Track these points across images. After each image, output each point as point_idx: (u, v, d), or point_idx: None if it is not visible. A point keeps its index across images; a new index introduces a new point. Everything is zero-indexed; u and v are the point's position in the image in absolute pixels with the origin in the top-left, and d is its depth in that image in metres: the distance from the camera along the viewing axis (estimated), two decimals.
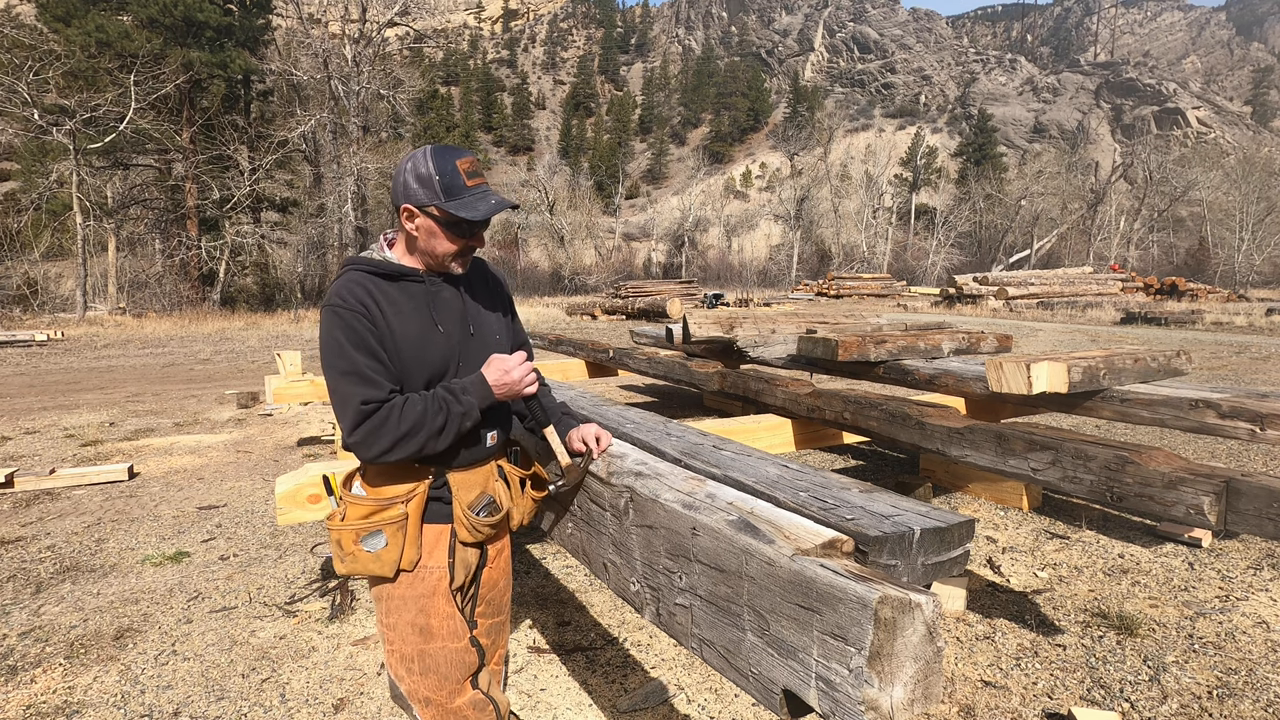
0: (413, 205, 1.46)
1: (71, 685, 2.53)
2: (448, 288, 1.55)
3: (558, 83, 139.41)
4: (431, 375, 1.49)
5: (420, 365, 1.48)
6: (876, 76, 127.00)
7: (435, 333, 1.49)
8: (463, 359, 1.53)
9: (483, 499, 1.55)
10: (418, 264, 1.53)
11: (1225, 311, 20.35)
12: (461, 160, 1.46)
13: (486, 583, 1.64)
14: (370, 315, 1.43)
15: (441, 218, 1.45)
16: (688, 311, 5.66)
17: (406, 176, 1.46)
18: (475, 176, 1.47)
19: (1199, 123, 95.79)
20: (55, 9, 25.43)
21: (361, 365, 1.40)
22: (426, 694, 1.50)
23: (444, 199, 1.43)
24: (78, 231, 23.77)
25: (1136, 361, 3.54)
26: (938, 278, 50.77)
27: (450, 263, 1.52)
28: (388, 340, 1.44)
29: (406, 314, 1.47)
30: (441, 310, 1.52)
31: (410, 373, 1.47)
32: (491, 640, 1.67)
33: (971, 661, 2.60)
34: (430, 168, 1.44)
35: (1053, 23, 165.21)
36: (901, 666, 0.98)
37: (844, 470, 5.21)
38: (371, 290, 1.46)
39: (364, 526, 1.46)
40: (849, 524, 1.63)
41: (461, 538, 1.54)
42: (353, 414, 1.39)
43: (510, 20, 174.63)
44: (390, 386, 1.44)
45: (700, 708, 2.34)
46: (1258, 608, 2.98)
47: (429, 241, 1.48)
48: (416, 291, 1.51)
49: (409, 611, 1.49)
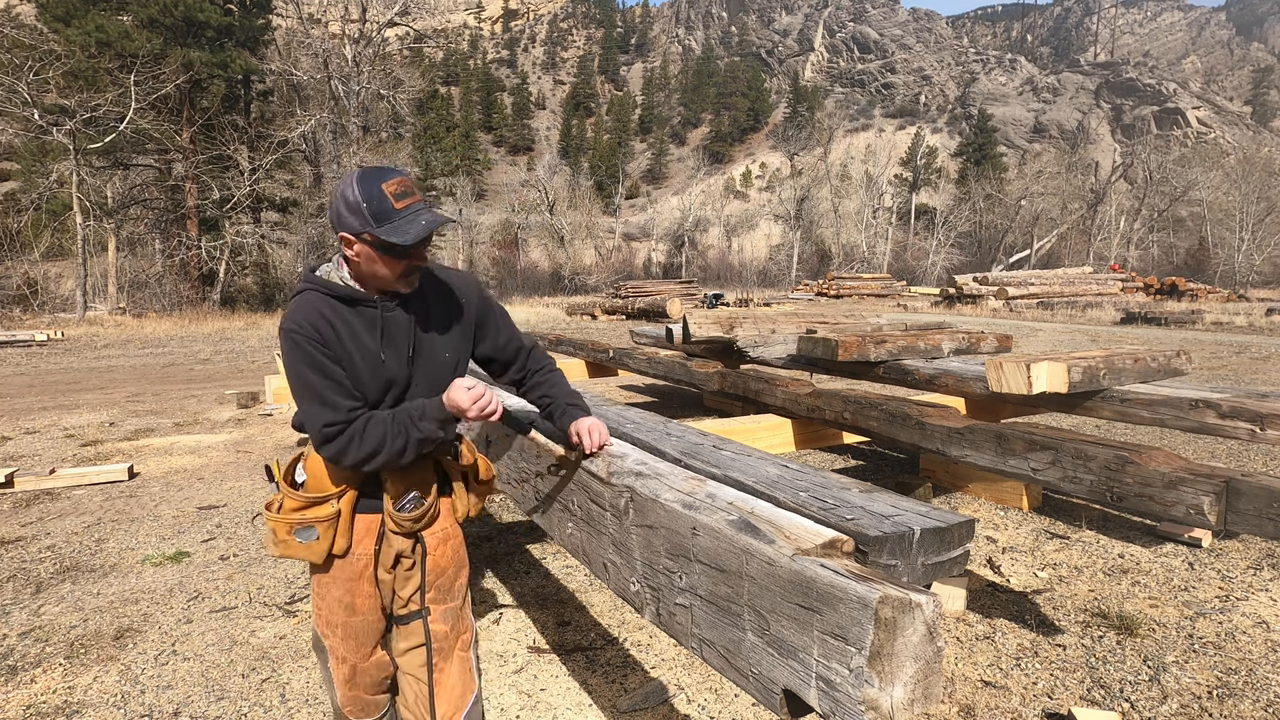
0: (347, 233, 1.47)
1: (71, 685, 2.53)
2: (399, 310, 1.58)
3: (558, 83, 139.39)
4: (384, 395, 1.57)
5: (374, 387, 1.55)
6: (876, 76, 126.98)
7: (379, 360, 1.54)
8: (411, 377, 1.59)
9: (408, 493, 1.62)
10: (367, 288, 1.56)
11: (1225, 311, 20.35)
12: (388, 183, 1.44)
13: (433, 569, 1.69)
14: (324, 339, 1.48)
15: (374, 243, 1.45)
16: (688, 311, 5.66)
17: (339, 204, 1.47)
18: (405, 197, 1.45)
19: (1199, 123, 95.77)
20: (55, 9, 25.42)
21: (320, 389, 1.48)
22: (344, 653, 1.69)
23: (375, 225, 1.42)
24: (78, 231, 23.77)
25: (1136, 361, 3.54)
26: (938, 278, 50.77)
27: (397, 283, 1.53)
28: (345, 360, 1.51)
29: (360, 338, 1.53)
30: (390, 334, 1.56)
31: (366, 392, 1.55)
32: (450, 626, 1.73)
33: (971, 661, 2.60)
34: (356, 194, 1.44)
35: (1053, 23, 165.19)
36: (902, 666, 0.98)
37: (844, 470, 5.21)
38: (326, 314, 1.51)
39: (297, 520, 1.55)
40: (849, 524, 1.63)
41: (390, 527, 1.63)
42: (318, 436, 1.50)
43: (510, 20, 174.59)
44: (350, 405, 1.51)
45: (700, 708, 2.34)
46: (1258, 608, 2.98)
47: (370, 266, 1.49)
48: (370, 316, 1.54)
49: (337, 589, 1.65)
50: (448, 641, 1.73)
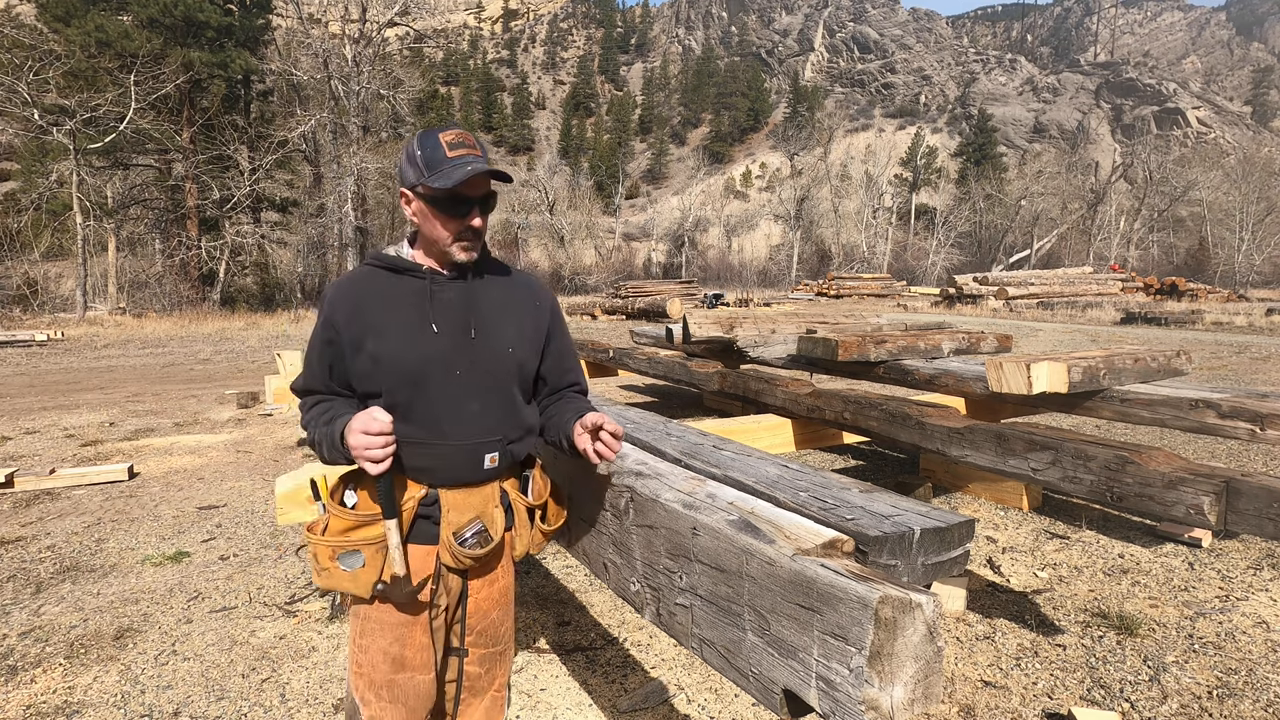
0: (405, 188, 1.43)
1: (71, 685, 2.53)
2: (453, 286, 1.46)
3: (558, 83, 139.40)
4: (414, 373, 1.39)
5: (399, 362, 1.39)
6: (876, 76, 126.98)
7: (426, 331, 1.41)
8: (462, 362, 1.42)
9: (473, 525, 1.44)
10: (430, 259, 1.47)
11: (1225, 311, 20.36)
12: (446, 133, 1.40)
13: (475, 612, 1.51)
14: (334, 321, 1.42)
15: (425, 194, 1.39)
16: (688, 311, 5.66)
17: (401, 161, 1.45)
18: (459, 148, 1.38)
19: (1199, 123, 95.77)
20: (55, 9, 25.43)
21: (313, 358, 1.47)
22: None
23: (426, 174, 1.37)
24: (78, 231, 23.77)
25: (1136, 361, 3.54)
26: (938, 278, 50.78)
27: (451, 247, 1.42)
28: (373, 331, 1.40)
29: (399, 309, 1.42)
30: (440, 309, 1.43)
31: (387, 370, 1.39)
32: (486, 669, 1.56)
33: (971, 661, 2.60)
34: (415, 146, 1.41)
35: (1053, 23, 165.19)
36: (902, 666, 0.98)
37: (844, 470, 5.21)
38: (363, 285, 1.45)
39: (342, 544, 1.37)
40: (849, 524, 1.63)
41: (445, 561, 1.43)
42: (299, 391, 1.51)
43: (510, 20, 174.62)
44: (323, 392, 1.47)
45: (700, 708, 2.34)
46: (1258, 608, 2.98)
47: (426, 226, 1.42)
48: (416, 287, 1.44)
49: (384, 638, 1.43)
50: (481, 682, 1.57)
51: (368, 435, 1.29)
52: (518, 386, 1.50)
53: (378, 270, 1.47)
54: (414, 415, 1.40)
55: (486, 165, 1.38)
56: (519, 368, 1.49)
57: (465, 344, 1.43)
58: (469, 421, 1.42)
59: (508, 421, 1.48)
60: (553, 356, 1.59)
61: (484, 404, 1.44)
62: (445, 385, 1.41)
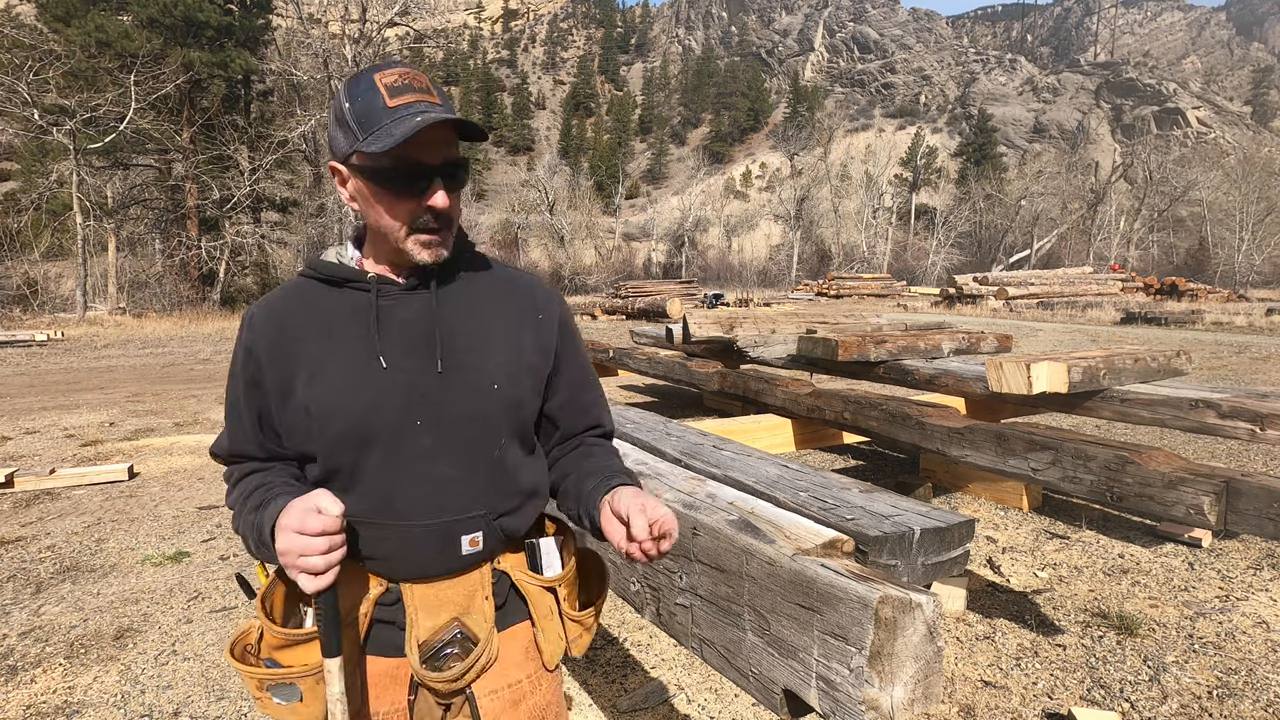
0: (336, 162, 1.01)
1: (71, 685, 2.53)
2: (410, 300, 1.03)
3: (558, 83, 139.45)
4: (356, 429, 0.98)
5: (335, 414, 0.98)
6: (876, 76, 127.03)
7: (371, 365, 0.99)
8: (424, 407, 1.00)
9: (447, 632, 1.02)
10: (381, 263, 1.05)
11: (1225, 311, 20.35)
12: (385, 73, 0.96)
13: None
14: (256, 354, 1.02)
15: (362, 165, 0.96)
16: (688, 311, 5.66)
17: (330, 124, 1.01)
18: (404, 92, 0.94)
19: (1199, 123, 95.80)
20: (55, 9, 25.44)
21: (237, 407, 1.05)
22: None
23: (360, 135, 0.94)
24: (78, 231, 23.77)
25: (1136, 361, 3.54)
26: (938, 278, 50.78)
27: (406, 242, 0.99)
28: (304, 369, 1.00)
29: (337, 337, 1.01)
30: (391, 333, 1.01)
31: (321, 426, 0.98)
32: None
33: (971, 661, 2.60)
34: (343, 97, 0.97)
35: (1053, 23, 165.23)
36: (902, 666, 0.98)
37: (844, 470, 5.21)
38: (291, 307, 1.04)
39: (269, 677, 0.99)
40: (849, 524, 1.63)
41: (422, 682, 1.03)
42: (222, 455, 1.09)
43: (510, 20, 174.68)
44: (255, 455, 1.06)
45: (700, 708, 2.34)
46: (1258, 608, 2.98)
47: (370, 214, 1.00)
48: (359, 304, 1.03)
49: None
50: None
51: (303, 537, 0.86)
52: (511, 435, 1.06)
53: (311, 283, 1.06)
54: (359, 485, 0.99)
55: (446, 114, 0.94)
56: (512, 409, 1.05)
57: (429, 381, 1.00)
58: (436, 492, 1.00)
59: (496, 487, 1.04)
60: (565, 389, 1.14)
61: (459, 465, 1.01)
62: (399, 442, 0.99)
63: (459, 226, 1.07)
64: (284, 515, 0.90)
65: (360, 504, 0.99)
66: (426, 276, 1.05)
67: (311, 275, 1.08)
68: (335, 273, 1.06)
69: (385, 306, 1.03)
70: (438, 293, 1.05)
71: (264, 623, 1.02)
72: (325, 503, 0.89)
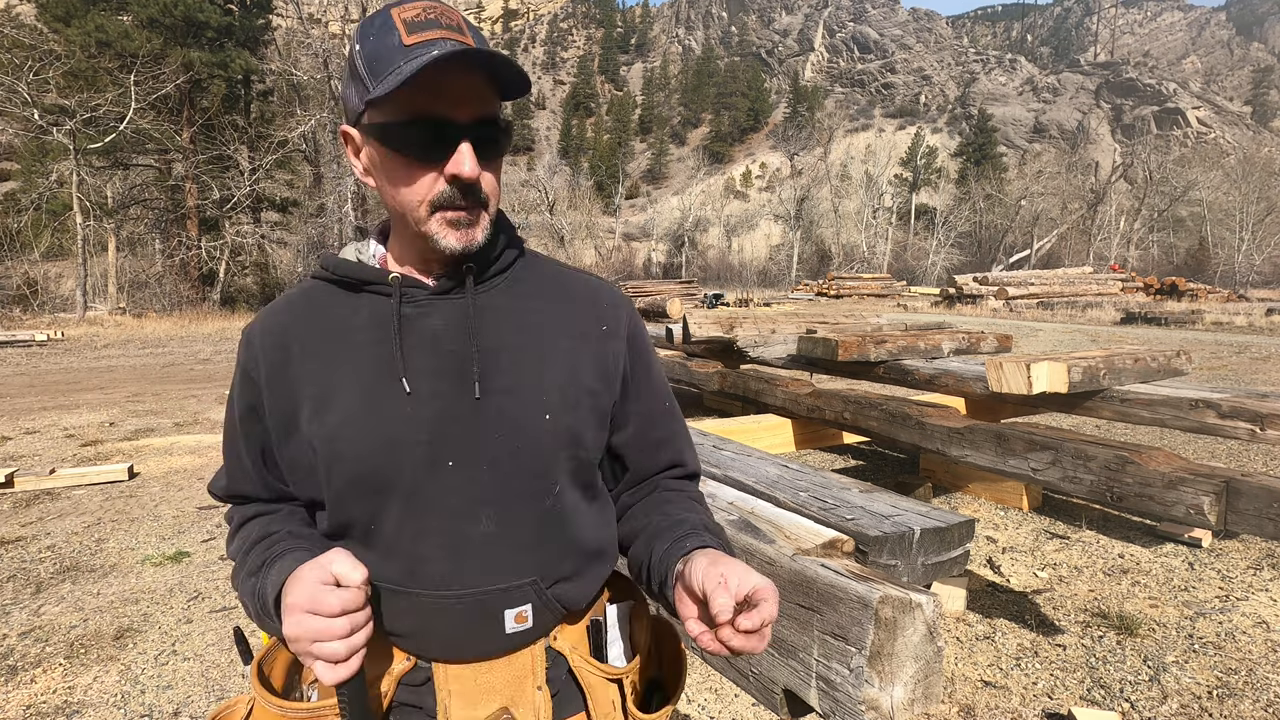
0: (349, 126, 0.83)
1: (71, 685, 2.53)
2: (440, 306, 0.84)
3: (558, 83, 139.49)
4: (373, 472, 0.79)
5: (347, 454, 0.79)
6: (876, 76, 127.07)
7: (392, 392, 0.80)
8: (458, 444, 0.80)
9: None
10: (407, 261, 0.87)
11: (1225, 311, 20.35)
12: (404, 6, 0.76)
13: None
14: (254, 376, 0.86)
15: (373, 125, 0.78)
16: (688, 311, 5.67)
17: (344, 79, 0.83)
18: (427, 28, 0.74)
19: (1199, 123, 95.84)
20: (55, 9, 25.45)
21: (235, 440, 0.89)
22: None
23: (371, 86, 0.75)
24: (78, 231, 23.77)
25: (1136, 361, 3.54)
26: (938, 278, 50.79)
27: (429, 223, 0.79)
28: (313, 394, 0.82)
29: (351, 355, 0.83)
30: (418, 348, 0.82)
31: (331, 468, 0.80)
32: None
33: (971, 661, 2.60)
34: (355, 43, 0.79)
35: (1053, 23, 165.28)
36: (902, 666, 0.98)
37: (844, 470, 5.21)
38: (298, 318, 0.87)
39: None
40: (849, 524, 1.63)
41: None
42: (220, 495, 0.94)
43: (510, 20, 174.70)
44: (259, 495, 0.90)
45: (700, 708, 2.34)
46: (1258, 608, 2.98)
47: (386, 191, 0.82)
48: (379, 312, 0.84)
49: None
50: None
51: (317, 619, 0.68)
52: (569, 478, 0.85)
53: (325, 288, 0.88)
54: (378, 542, 0.81)
55: (454, 45, 0.73)
56: (569, 445, 0.84)
57: (464, 411, 0.80)
58: (474, 553, 0.80)
59: (550, 546, 0.84)
60: (635, 420, 0.93)
61: (502, 519, 0.81)
62: (427, 490, 0.79)
63: (500, 213, 0.88)
64: (292, 587, 0.71)
65: (378, 567, 0.78)
66: (459, 274, 0.84)
67: (325, 277, 0.88)
68: (353, 273, 0.86)
69: (411, 315, 0.83)
70: (475, 297, 0.84)
71: (259, 695, 0.81)
72: (343, 569, 0.70)
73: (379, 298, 0.85)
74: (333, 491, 0.82)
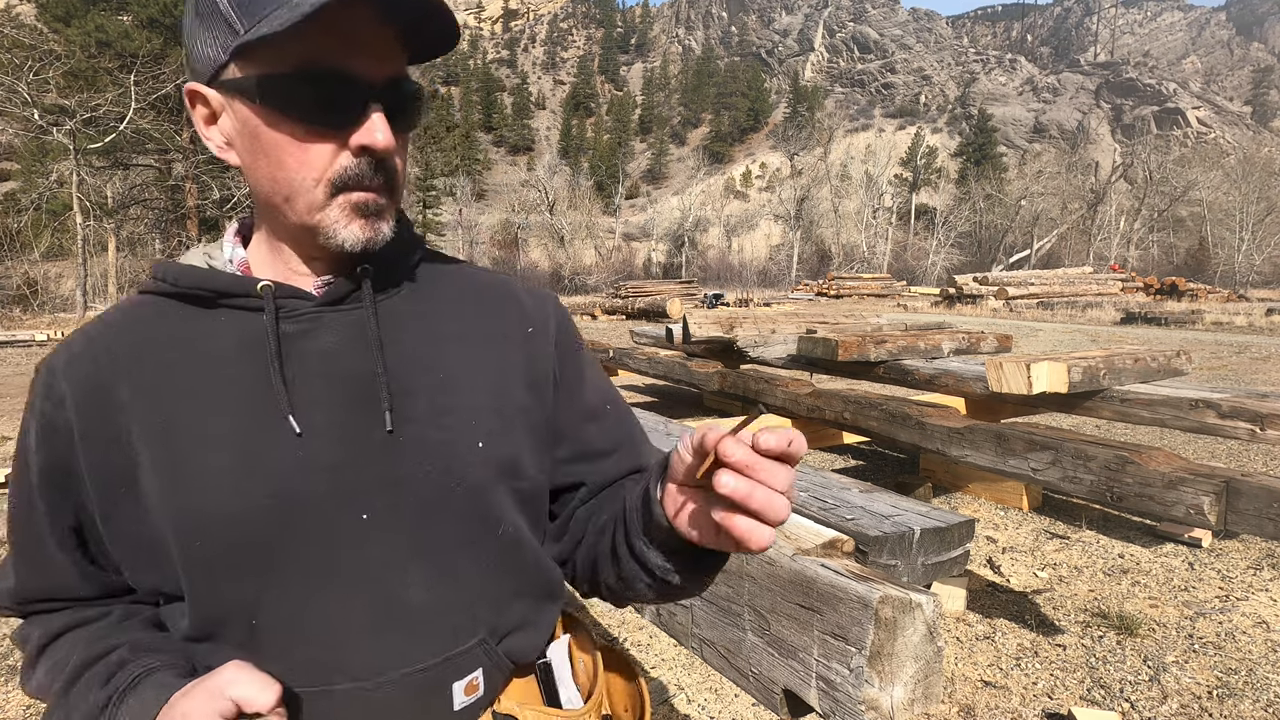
0: (196, 84, 0.63)
1: None
2: (333, 321, 0.66)
3: (558, 83, 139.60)
4: (256, 541, 0.60)
5: (229, 523, 0.60)
6: (876, 76, 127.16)
7: (275, 432, 0.62)
8: (372, 490, 0.63)
9: None
10: (277, 264, 0.68)
11: (1225, 311, 20.36)
12: None
13: None
14: (58, 425, 0.64)
15: (246, 80, 0.60)
16: (688, 311, 5.67)
17: (189, 23, 0.63)
18: None
19: (1199, 123, 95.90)
20: (55, 9, 25.48)
21: (32, 521, 0.66)
22: None
23: (243, 25, 0.57)
24: (78, 231, 23.79)
25: (1136, 361, 3.54)
26: (938, 278, 50.82)
27: (325, 212, 0.62)
28: (121, 471, 0.62)
29: (212, 390, 0.63)
30: (303, 376, 0.64)
31: (191, 543, 0.60)
32: None
33: (971, 661, 2.60)
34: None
35: (1053, 23, 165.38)
36: (902, 666, 0.98)
37: (844, 470, 5.21)
38: (121, 348, 0.65)
39: None
40: (849, 524, 1.63)
41: None
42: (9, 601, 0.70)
43: (510, 20, 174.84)
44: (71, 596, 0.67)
45: (700, 708, 2.34)
46: (1258, 608, 2.98)
47: (258, 169, 0.63)
48: (245, 332, 0.65)
49: None
50: None
51: None
52: (515, 511, 0.70)
53: (161, 306, 0.67)
54: (272, 635, 0.61)
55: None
56: (509, 473, 0.70)
57: (374, 450, 0.63)
58: (407, 621, 0.63)
59: (498, 594, 0.69)
60: (580, 429, 0.77)
61: (438, 574, 0.65)
62: (336, 555, 0.62)
63: (401, 211, 0.69)
64: (183, 705, 0.54)
65: (279, 668, 0.59)
66: (355, 282, 0.66)
67: (163, 291, 0.67)
68: (204, 283, 0.65)
69: (293, 333, 0.64)
70: (376, 306, 0.67)
71: None
72: (247, 691, 0.54)
73: (244, 314, 0.65)
74: (196, 576, 0.61)
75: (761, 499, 0.49)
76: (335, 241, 0.63)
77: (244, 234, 0.73)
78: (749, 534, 0.50)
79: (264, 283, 0.65)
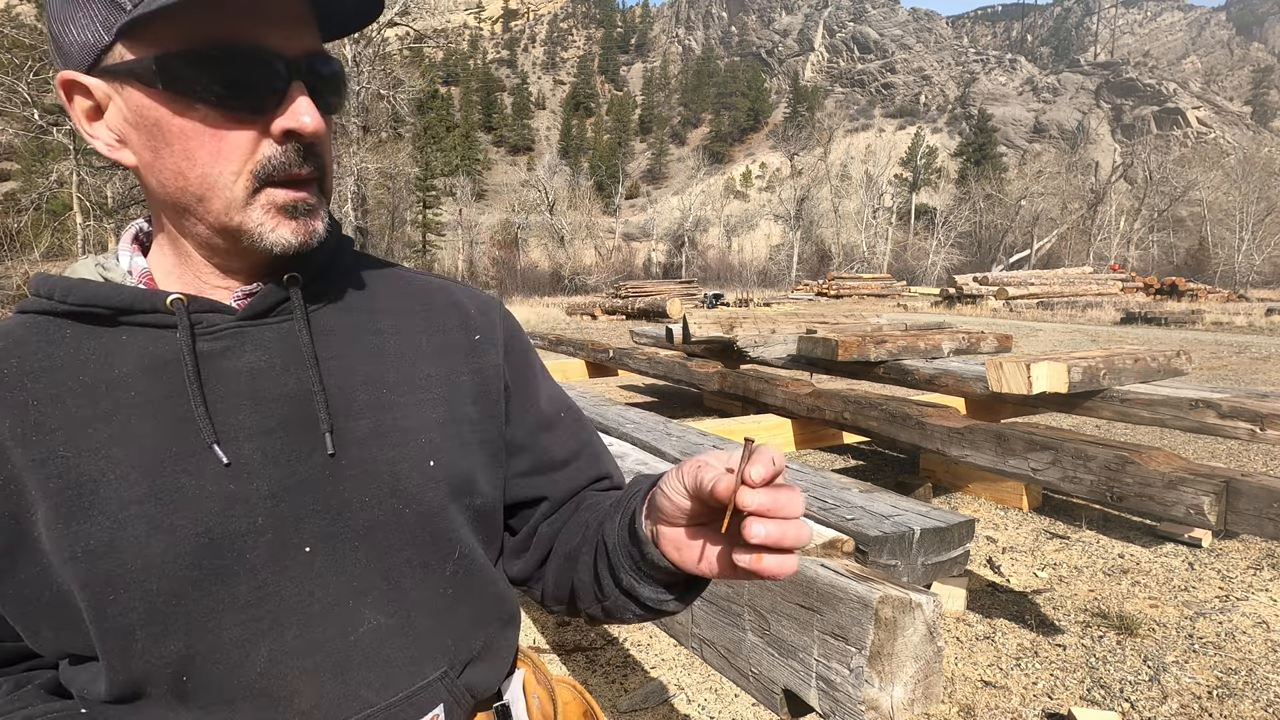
0: (71, 71, 0.55)
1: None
2: (258, 336, 0.59)
3: (558, 83, 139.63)
4: (197, 592, 0.53)
5: (150, 570, 0.53)
6: (876, 76, 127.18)
7: (199, 465, 0.55)
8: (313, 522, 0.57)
9: None
10: (187, 275, 0.61)
11: (1225, 311, 20.36)
12: None
13: None
14: None
15: (141, 63, 0.52)
16: (688, 311, 5.67)
17: (52, 13, 0.55)
18: None
19: (1199, 123, 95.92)
20: None
21: None
22: None
23: (130, 2, 0.50)
24: (78, 231, 23.81)
25: (1136, 361, 3.54)
26: (938, 278, 50.83)
27: (247, 212, 0.56)
28: (9, 523, 0.54)
29: (121, 420, 0.55)
30: (228, 400, 0.57)
31: (121, 594, 0.52)
32: None
33: (971, 661, 2.60)
34: None
35: (1053, 23, 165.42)
36: (902, 666, 0.98)
37: (844, 470, 5.21)
38: (10, 374, 0.56)
39: None
40: (849, 524, 1.63)
41: None
42: None
43: (510, 20, 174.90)
44: None
45: (700, 708, 2.34)
46: (1258, 608, 2.98)
47: (161, 165, 0.55)
48: (156, 352, 0.57)
49: None
50: None
51: None
52: (470, 532, 0.66)
53: (48, 326, 0.58)
54: (205, 691, 0.55)
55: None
56: (463, 491, 0.65)
57: (313, 475, 0.58)
58: (361, 659, 0.59)
59: (458, 621, 0.64)
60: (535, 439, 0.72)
61: (392, 605, 0.60)
62: (276, 593, 0.56)
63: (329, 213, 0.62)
64: None
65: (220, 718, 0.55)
66: (282, 291, 0.60)
67: (46, 309, 0.58)
68: (101, 299, 0.57)
69: (212, 352, 0.57)
70: (308, 317, 0.61)
71: None
72: None
73: (151, 332, 0.57)
74: (111, 633, 0.53)
75: (792, 535, 0.49)
76: (263, 245, 0.56)
77: (142, 241, 0.64)
78: (780, 569, 0.50)
79: (174, 296, 0.57)
